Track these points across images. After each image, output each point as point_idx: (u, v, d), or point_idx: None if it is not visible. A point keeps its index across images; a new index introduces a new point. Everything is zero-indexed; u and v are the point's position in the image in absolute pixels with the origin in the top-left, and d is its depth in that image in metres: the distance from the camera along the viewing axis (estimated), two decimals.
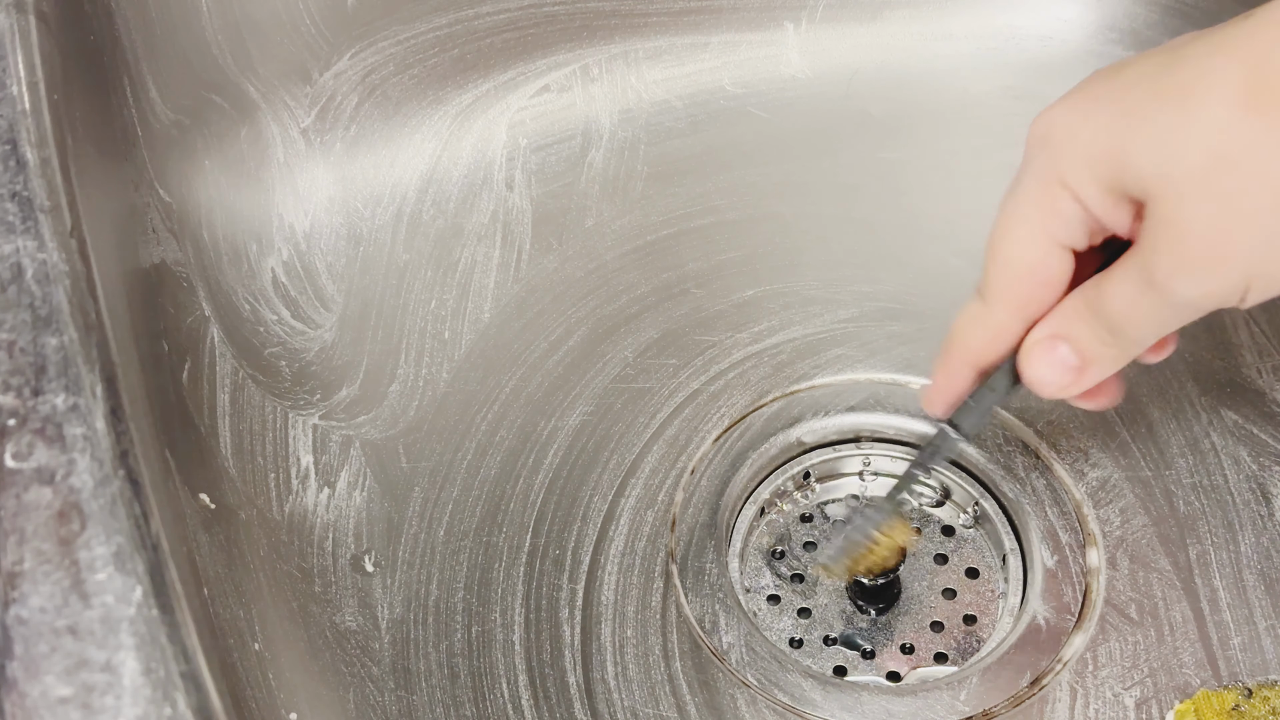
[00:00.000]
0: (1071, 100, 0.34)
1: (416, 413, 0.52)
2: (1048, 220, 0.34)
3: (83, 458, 0.32)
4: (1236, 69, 0.30)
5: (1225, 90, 0.30)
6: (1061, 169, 0.34)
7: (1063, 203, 0.34)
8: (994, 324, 0.37)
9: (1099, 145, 0.33)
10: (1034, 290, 0.36)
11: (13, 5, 0.41)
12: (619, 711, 0.44)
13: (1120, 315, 0.34)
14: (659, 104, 0.61)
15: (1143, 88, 0.32)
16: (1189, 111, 0.31)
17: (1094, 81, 0.34)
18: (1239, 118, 0.30)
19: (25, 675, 0.30)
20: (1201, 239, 0.31)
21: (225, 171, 0.55)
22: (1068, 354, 0.36)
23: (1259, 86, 0.29)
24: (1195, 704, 0.43)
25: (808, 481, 0.50)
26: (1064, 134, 0.34)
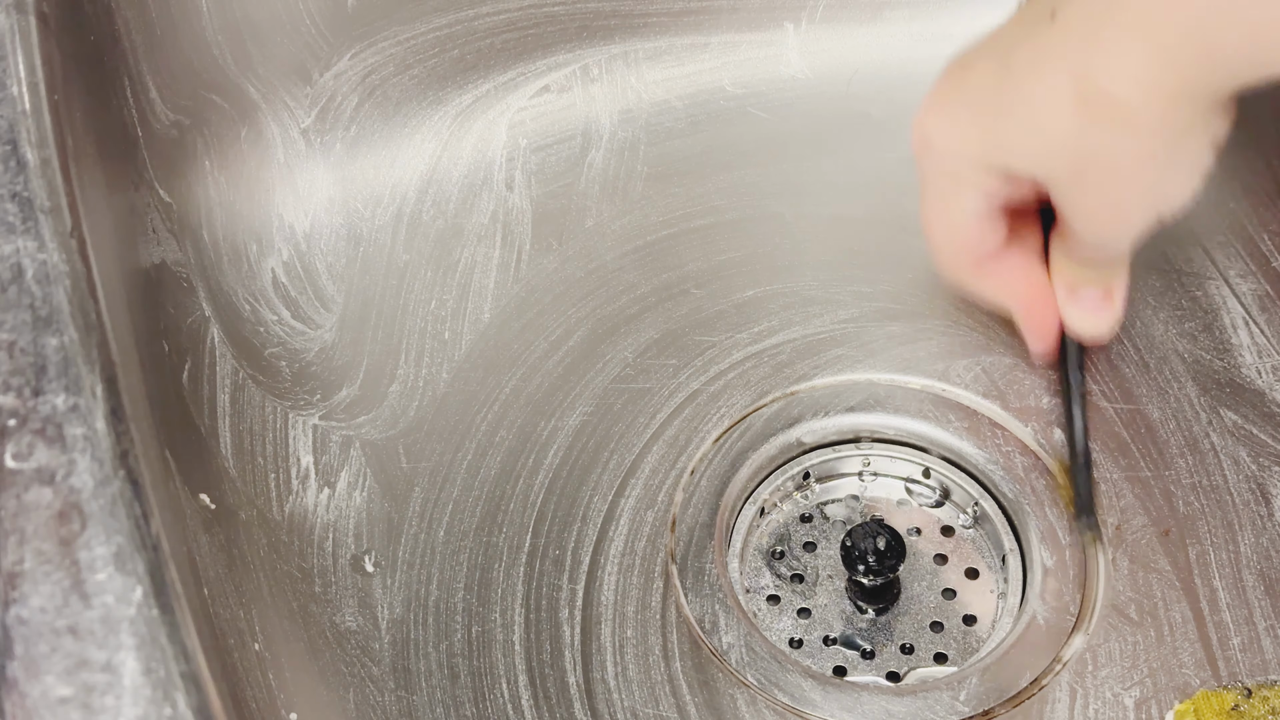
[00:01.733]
0: (935, 111, 0.39)
1: (416, 413, 0.52)
2: (956, 204, 0.40)
3: (83, 458, 0.32)
4: (1062, 82, 0.34)
5: (1059, 105, 0.34)
6: (951, 168, 0.39)
7: (965, 191, 0.39)
8: (980, 284, 0.44)
9: (974, 152, 0.38)
10: (975, 254, 0.42)
11: (13, 5, 0.41)
12: (619, 711, 0.44)
13: (1093, 256, 0.41)
14: (659, 104, 0.61)
15: (992, 99, 0.37)
16: (1038, 126, 0.35)
17: (948, 85, 0.39)
18: (1078, 127, 0.34)
19: (25, 675, 0.30)
20: (1098, 217, 0.37)
21: (225, 171, 0.55)
22: (1090, 292, 0.42)
23: (1083, 96, 0.34)
24: (1195, 704, 0.43)
25: (808, 481, 0.50)
26: (940, 143, 0.39)
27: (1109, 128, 0.33)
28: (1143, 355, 0.52)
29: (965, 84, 0.38)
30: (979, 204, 0.39)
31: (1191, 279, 0.54)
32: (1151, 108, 0.33)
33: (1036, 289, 0.43)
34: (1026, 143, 0.36)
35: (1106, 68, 0.33)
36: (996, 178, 0.38)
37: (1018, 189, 0.39)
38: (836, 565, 0.48)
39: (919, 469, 0.50)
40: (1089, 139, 0.34)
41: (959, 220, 0.40)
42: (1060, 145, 0.35)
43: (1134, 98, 0.33)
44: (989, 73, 0.37)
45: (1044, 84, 0.34)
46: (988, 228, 0.40)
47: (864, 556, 0.45)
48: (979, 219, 0.40)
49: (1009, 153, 0.37)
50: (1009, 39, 0.37)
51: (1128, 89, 0.33)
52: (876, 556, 0.45)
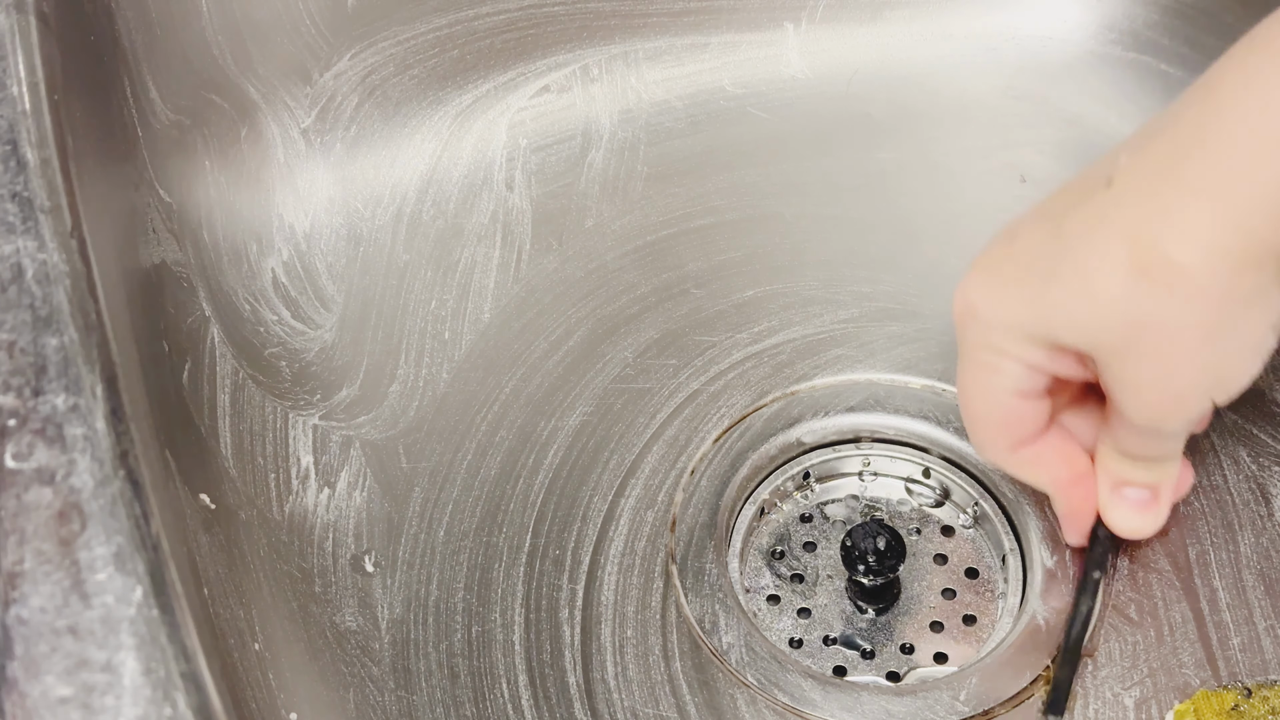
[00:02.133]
0: (980, 279, 0.37)
1: (416, 413, 0.52)
2: (997, 380, 0.37)
3: (83, 458, 0.32)
4: (1117, 247, 0.32)
5: (1114, 270, 0.32)
6: (994, 341, 0.37)
7: (1007, 364, 0.37)
8: (1016, 466, 0.41)
9: (1020, 322, 0.36)
10: (1016, 435, 0.39)
11: (13, 5, 0.41)
12: (619, 711, 0.44)
13: (1140, 449, 0.38)
14: (659, 104, 0.61)
15: (1041, 265, 0.35)
16: (1093, 293, 0.33)
17: (996, 253, 0.37)
18: (1135, 288, 0.32)
19: (25, 675, 0.30)
20: (1148, 394, 0.35)
21: (225, 171, 0.55)
22: (1136, 493, 0.40)
23: (1142, 261, 0.32)
24: (1195, 704, 0.43)
25: (808, 481, 0.50)
26: (985, 312, 0.37)
27: (1165, 294, 0.31)
28: None
29: (1013, 250, 0.35)
30: (1020, 381, 0.37)
31: None
32: (1214, 273, 0.31)
33: (1074, 474, 0.41)
34: (1075, 311, 0.34)
35: (1166, 230, 0.31)
36: (1041, 351, 0.36)
37: (1065, 364, 0.36)
38: (836, 565, 0.48)
39: (919, 469, 0.50)
40: (1143, 306, 0.32)
41: (998, 397, 0.38)
42: (1111, 313, 0.33)
43: (1195, 261, 0.31)
44: (1039, 239, 0.35)
45: (1097, 249, 0.32)
46: (1028, 408, 0.38)
47: (864, 556, 0.45)
48: (1020, 397, 0.37)
49: (1056, 322, 0.35)
50: (1061, 205, 0.35)
51: (1189, 252, 0.31)
52: (876, 556, 0.45)
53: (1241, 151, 0.30)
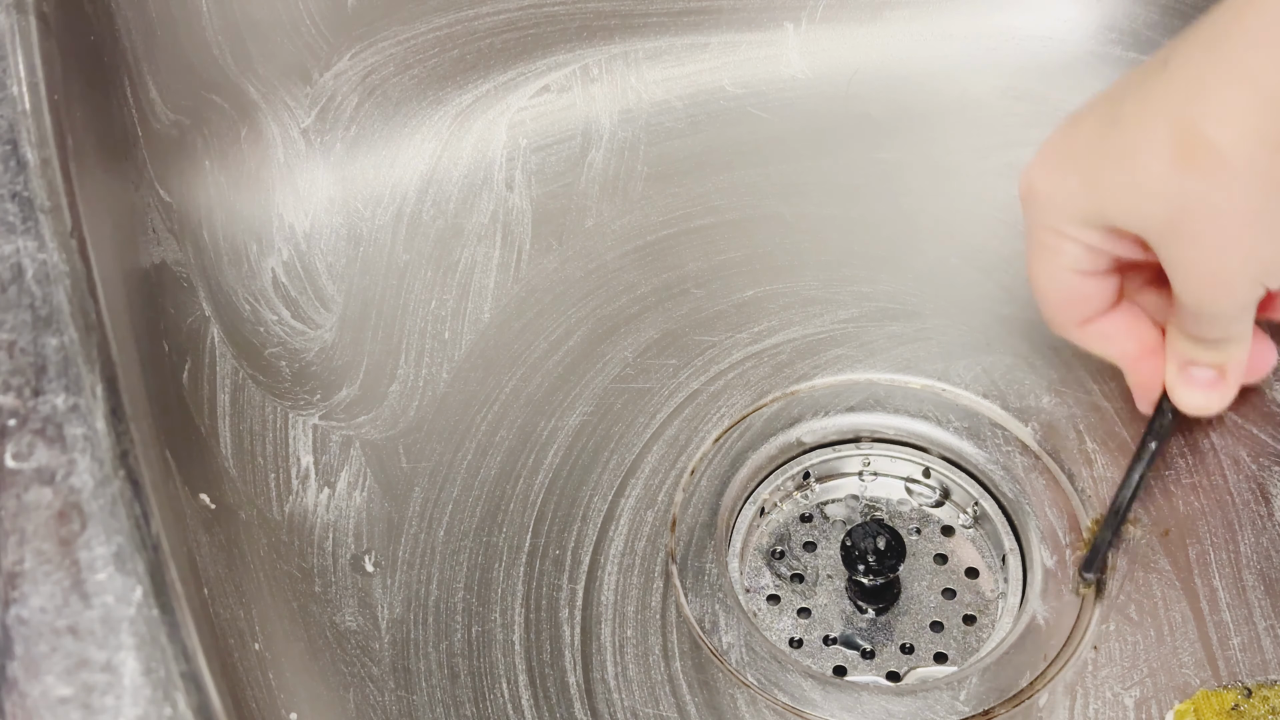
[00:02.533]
0: (1042, 161, 0.37)
1: (416, 413, 0.52)
2: (1058, 260, 0.38)
3: (83, 458, 0.32)
4: (1163, 129, 0.33)
5: (1159, 153, 0.33)
6: (1052, 222, 0.37)
7: (1066, 245, 0.37)
8: (1085, 340, 0.42)
9: (1076, 205, 0.36)
10: (1081, 311, 0.40)
11: (13, 5, 0.41)
12: (619, 711, 0.44)
13: (1200, 331, 0.38)
14: (659, 104, 0.61)
15: (1096, 150, 0.35)
16: (1136, 176, 0.34)
17: (1058, 137, 0.37)
18: (1176, 175, 0.33)
19: (25, 675, 0.30)
20: (1197, 277, 0.35)
21: (225, 171, 0.55)
22: (1202, 372, 0.40)
23: (1183, 144, 0.32)
24: (1195, 704, 0.43)
25: (808, 481, 0.50)
26: (1044, 195, 0.37)
27: (1206, 176, 0.32)
28: None
29: (1074, 134, 0.36)
30: (1080, 260, 0.38)
31: None
32: (1253, 156, 0.31)
33: (1144, 348, 0.41)
34: (1125, 194, 0.34)
35: (1207, 113, 0.31)
36: (1098, 232, 0.36)
37: (1121, 244, 0.37)
38: (836, 565, 0.48)
39: (919, 469, 0.50)
40: (1186, 188, 0.32)
41: (1061, 276, 0.39)
42: (1157, 195, 0.33)
43: (1235, 145, 0.31)
44: (1098, 122, 0.35)
45: (1145, 131, 0.33)
46: (1092, 285, 0.39)
47: (864, 556, 0.45)
48: (1082, 276, 0.38)
49: (1109, 205, 0.35)
50: (1121, 89, 0.35)
51: (1228, 135, 0.31)
52: (876, 556, 0.45)
53: (1277, 33, 0.30)
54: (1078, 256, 0.37)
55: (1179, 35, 0.35)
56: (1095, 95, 0.37)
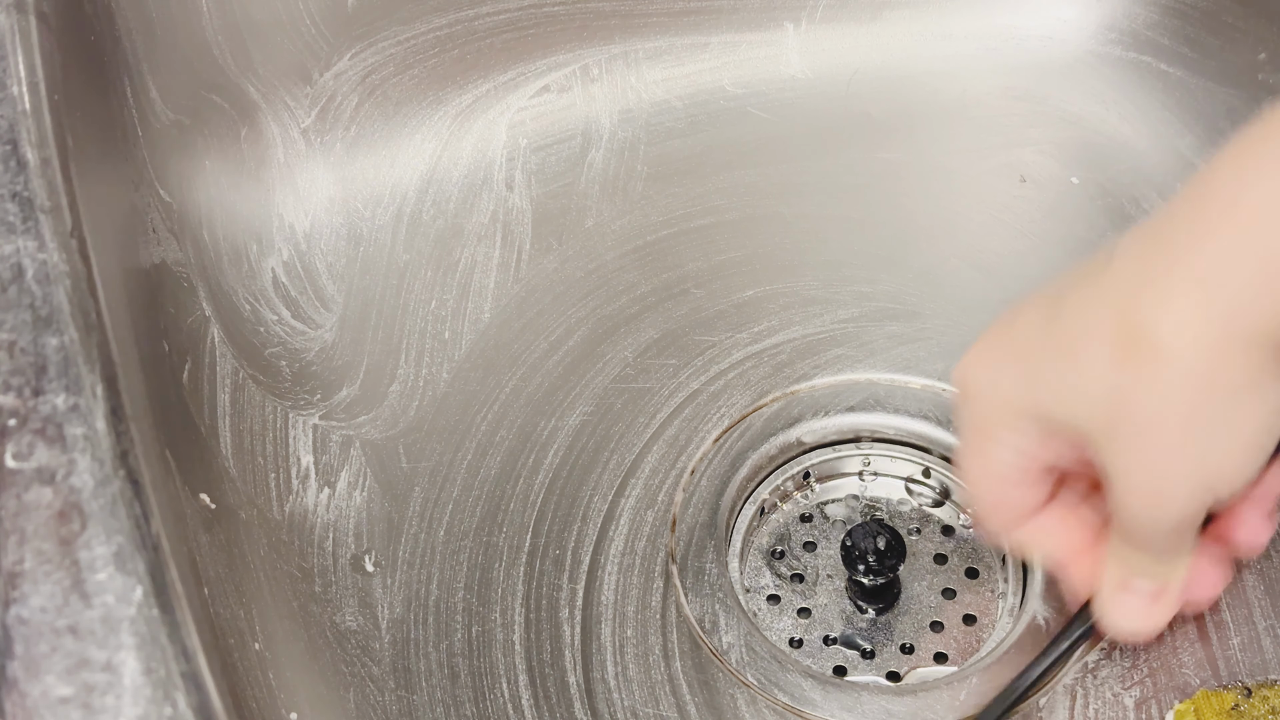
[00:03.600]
0: (980, 355, 0.36)
1: (417, 413, 0.52)
2: (993, 459, 0.37)
3: (83, 458, 0.32)
4: (1105, 324, 0.31)
5: (1100, 348, 0.31)
6: (987, 417, 0.36)
7: (1001, 443, 0.36)
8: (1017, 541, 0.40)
9: (1012, 399, 0.35)
10: (1014, 513, 0.39)
11: (13, 5, 0.41)
12: (619, 711, 0.44)
13: (1144, 542, 0.36)
14: (659, 104, 0.61)
15: (1036, 343, 0.34)
16: (1076, 371, 0.32)
17: (997, 331, 0.36)
18: (1117, 372, 0.31)
19: (26, 675, 0.30)
20: (1137, 482, 0.33)
21: (225, 171, 0.55)
22: (1140, 586, 0.37)
23: (1125, 339, 0.31)
24: (1195, 704, 0.43)
25: (808, 481, 0.50)
26: (979, 387, 0.36)
27: (1147, 374, 0.30)
28: None
29: (1012, 329, 0.35)
30: (1017, 458, 0.36)
31: None
32: (1197, 356, 0.29)
33: (1076, 553, 0.40)
34: (1064, 389, 0.33)
35: (1153, 309, 0.30)
36: (1035, 429, 0.35)
37: (1058, 448, 0.36)
38: (836, 565, 0.48)
39: (919, 469, 0.50)
40: (1126, 386, 0.31)
41: (996, 473, 0.37)
42: (1097, 393, 0.32)
43: (1178, 342, 0.30)
44: (1037, 318, 0.34)
45: (1087, 326, 0.32)
46: (1027, 484, 0.37)
47: (864, 556, 0.45)
48: (1018, 473, 0.37)
49: (1047, 400, 0.34)
50: (1063, 285, 0.34)
51: (1172, 333, 0.30)
52: (876, 556, 0.45)
53: (1230, 235, 0.29)
54: (1012, 455, 0.36)
55: (1126, 233, 0.34)
56: (1032, 294, 0.36)
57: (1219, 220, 0.30)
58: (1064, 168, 0.58)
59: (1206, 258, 0.29)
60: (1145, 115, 0.59)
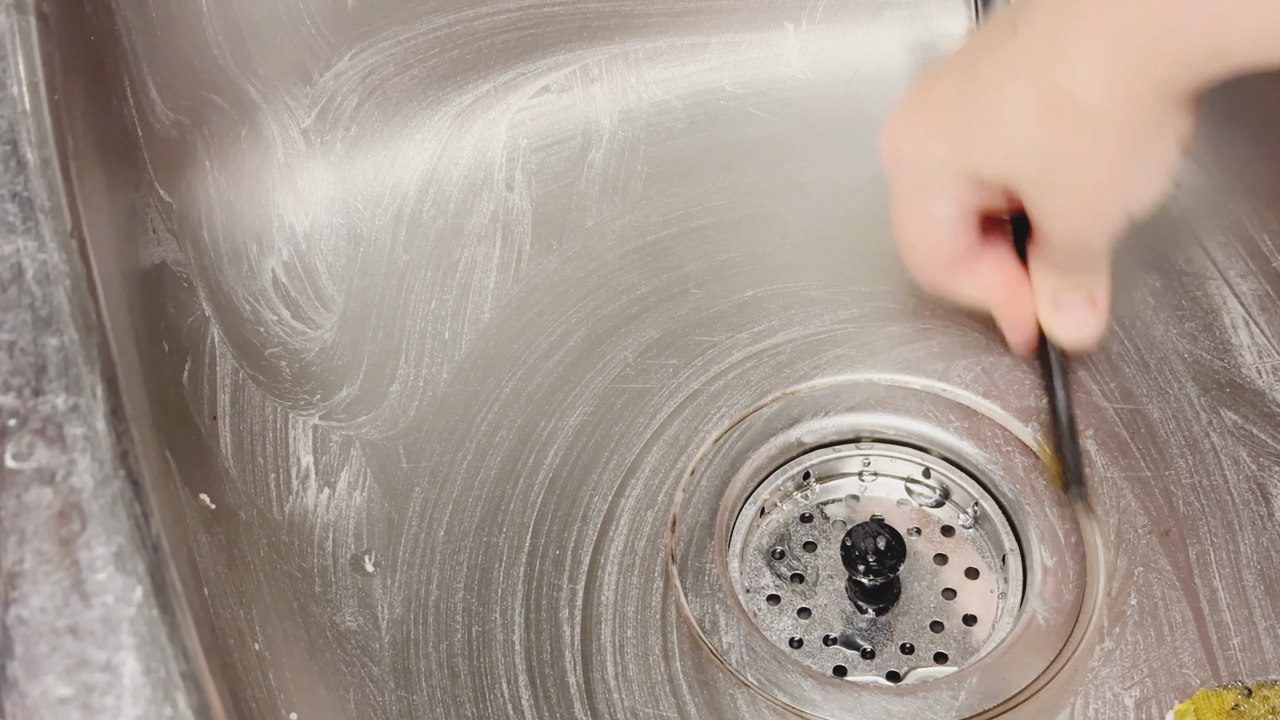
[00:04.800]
0: (905, 125, 0.40)
1: (416, 413, 0.52)
2: (930, 214, 0.41)
3: (83, 458, 0.32)
4: (1028, 92, 0.35)
5: (1026, 113, 0.35)
6: (924, 180, 0.40)
7: (938, 200, 0.40)
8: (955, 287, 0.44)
9: (946, 163, 0.39)
10: (951, 260, 0.43)
11: (13, 5, 0.41)
12: (619, 711, 0.44)
13: (1075, 263, 0.41)
14: (659, 104, 0.61)
15: (960, 112, 0.38)
16: (1006, 135, 0.36)
17: (916, 102, 0.40)
18: (1046, 132, 0.35)
19: (25, 675, 0.30)
20: (1069, 218, 0.38)
21: (225, 171, 0.55)
22: (1074, 299, 0.42)
23: (1051, 103, 0.35)
24: (1195, 704, 0.43)
25: (808, 481, 0.50)
26: (912, 155, 0.40)
27: (1075, 131, 0.34)
28: (1143, 355, 0.52)
29: (934, 97, 0.38)
30: (951, 209, 0.40)
31: (1191, 279, 0.54)
32: (1116, 108, 0.34)
33: (1012, 284, 0.44)
34: (996, 150, 0.37)
35: (1070, 73, 0.34)
36: (967, 184, 0.39)
37: (988, 196, 0.40)
38: (836, 565, 0.48)
39: (919, 469, 0.50)
40: (1056, 143, 0.35)
41: (933, 225, 0.41)
42: (1028, 151, 0.36)
43: (1099, 100, 0.34)
44: (956, 85, 0.38)
45: (1010, 94, 0.35)
46: (960, 231, 0.41)
47: (864, 556, 0.45)
48: (951, 223, 0.41)
49: (979, 160, 0.38)
50: (972, 52, 0.38)
51: (1092, 92, 0.33)
52: (876, 556, 0.45)
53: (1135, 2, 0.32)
54: (949, 209, 0.40)
55: None
56: (941, 61, 0.40)
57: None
58: None
59: (1114, 21, 0.32)
60: None
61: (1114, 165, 0.35)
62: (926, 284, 0.44)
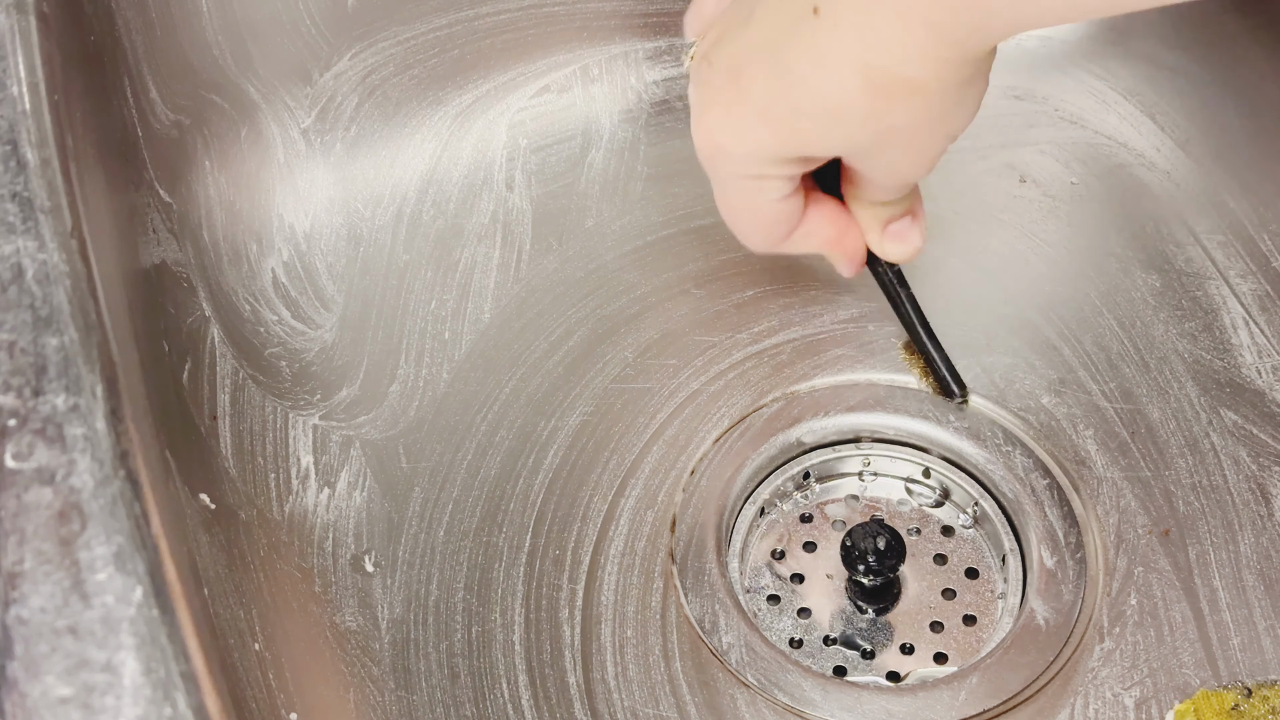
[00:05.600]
0: (722, 120, 0.41)
1: (416, 413, 0.52)
2: (763, 196, 0.42)
3: (83, 458, 0.32)
4: (852, 79, 0.37)
5: (854, 97, 0.37)
6: (753, 170, 0.41)
7: (768, 182, 0.42)
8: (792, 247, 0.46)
9: (774, 151, 0.40)
10: (788, 227, 0.44)
11: (13, 5, 0.41)
12: (619, 711, 0.44)
13: (900, 194, 0.44)
14: (659, 104, 0.61)
15: (781, 103, 0.39)
16: (842, 118, 0.38)
17: (725, 96, 0.41)
18: (877, 106, 0.37)
19: (25, 675, 0.30)
20: (900, 170, 0.41)
21: (225, 171, 0.55)
22: (900, 223, 0.45)
23: (878, 86, 0.36)
24: (1195, 704, 0.43)
25: (808, 481, 0.50)
26: (739, 147, 0.41)
27: (902, 103, 0.37)
28: (1143, 355, 0.52)
29: (744, 90, 0.39)
30: (782, 190, 0.42)
31: (1191, 279, 0.54)
32: (935, 76, 0.36)
33: (840, 225, 0.46)
34: (828, 133, 0.39)
35: (889, 55, 0.36)
36: (796, 165, 0.41)
37: (810, 166, 0.42)
38: (836, 565, 0.48)
39: (919, 469, 0.50)
40: (885, 117, 0.37)
41: (768, 207, 0.43)
42: (861, 128, 0.38)
43: (919, 73, 0.36)
44: (766, 76, 0.39)
45: (832, 81, 0.37)
46: (793, 203, 0.43)
47: (864, 556, 0.45)
48: (785, 202, 0.43)
49: (811, 146, 0.40)
50: (771, 39, 0.38)
51: (912, 68, 0.36)
52: (876, 556, 0.45)
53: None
54: (780, 187, 0.42)
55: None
56: (730, 44, 0.40)
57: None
58: (1064, 168, 0.58)
59: (919, 2, 0.34)
60: (1144, 115, 0.59)
61: (939, 120, 0.38)
62: (766, 250, 0.46)
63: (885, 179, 0.42)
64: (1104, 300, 0.54)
